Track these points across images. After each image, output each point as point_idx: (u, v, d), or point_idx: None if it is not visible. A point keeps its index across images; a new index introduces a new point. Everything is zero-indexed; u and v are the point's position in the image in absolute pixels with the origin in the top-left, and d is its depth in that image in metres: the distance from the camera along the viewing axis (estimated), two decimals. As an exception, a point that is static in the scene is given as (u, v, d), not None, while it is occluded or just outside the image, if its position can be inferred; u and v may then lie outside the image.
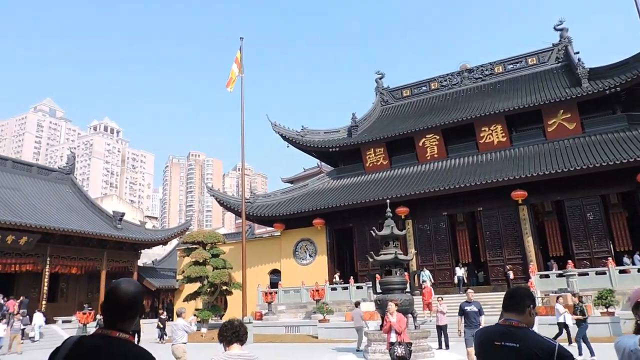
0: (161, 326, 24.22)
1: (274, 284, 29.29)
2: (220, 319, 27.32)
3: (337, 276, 26.96)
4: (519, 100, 27.07)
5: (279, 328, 23.56)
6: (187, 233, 32.58)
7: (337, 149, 30.92)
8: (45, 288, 26.48)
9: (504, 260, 24.23)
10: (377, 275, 16.99)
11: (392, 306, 10.26)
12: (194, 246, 28.54)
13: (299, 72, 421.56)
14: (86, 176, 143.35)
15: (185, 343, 10.39)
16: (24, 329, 20.79)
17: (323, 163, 39.33)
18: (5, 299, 24.60)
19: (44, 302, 26.09)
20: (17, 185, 29.44)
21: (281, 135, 32.03)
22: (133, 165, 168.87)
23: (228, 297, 29.16)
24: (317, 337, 21.03)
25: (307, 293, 25.43)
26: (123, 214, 32.40)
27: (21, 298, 25.03)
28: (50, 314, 26.13)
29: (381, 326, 12.61)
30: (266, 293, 26.44)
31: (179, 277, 29.48)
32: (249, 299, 23.77)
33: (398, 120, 32.48)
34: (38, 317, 22.71)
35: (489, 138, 27.31)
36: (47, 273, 26.62)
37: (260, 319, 25.33)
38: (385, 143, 29.71)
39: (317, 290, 24.11)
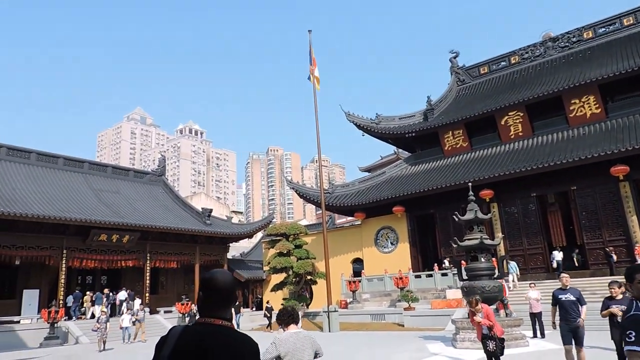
0: (268, 315, 25.09)
1: (357, 273, 29.48)
2: (307, 307, 28.01)
3: (446, 261, 25.83)
4: (614, 66, 24.65)
5: (365, 316, 23.69)
6: (270, 226, 33.72)
7: (413, 134, 30.26)
8: (148, 281, 28.77)
9: (603, 242, 22.36)
10: (463, 262, 16.48)
11: (475, 304, 8.81)
12: (278, 238, 29.48)
13: (370, 59, 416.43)
14: (176, 177, 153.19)
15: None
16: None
17: (400, 149, 38.71)
18: (114, 292, 27.18)
19: (147, 294, 28.38)
20: (117, 188, 32.19)
21: (356, 124, 31.95)
22: (217, 164, 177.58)
23: (313, 287, 29.82)
24: (403, 325, 20.88)
25: (391, 281, 25.30)
26: (211, 210, 34.23)
27: (128, 291, 27.52)
28: (153, 305, 28.43)
29: (468, 314, 12.21)
30: (350, 282, 26.69)
31: (265, 268, 30.63)
32: (333, 288, 24.16)
33: (476, 100, 31.05)
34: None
35: (581, 111, 25.21)
36: (148, 268, 28.89)
37: (345, 307, 25.64)
38: (464, 124, 28.55)
39: (401, 278, 23.90)
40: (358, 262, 30.76)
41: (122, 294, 26.89)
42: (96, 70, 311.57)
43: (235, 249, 42.26)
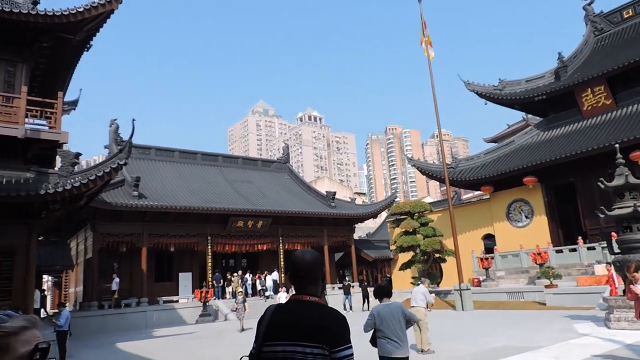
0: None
1: (488, 249, 28.03)
2: (437, 286, 27.47)
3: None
4: None
5: (500, 294, 22.53)
6: (394, 205, 33.57)
7: (543, 97, 27.55)
8: (282, 263, 30.68)
9: None
10: (613, 234, 14.75)
11: (634, 269, 7.63)
12: (402, 217, 29.24)
13: (486, 26, 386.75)
14: (300, 163, 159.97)
15: (425, 307, 11.34)
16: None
17: (529, 115, 35.60)
18: (252, 274, 29.56)
19: (282, 275, 30.30)
20: (248, 178, 34.69)
21: (477, 93, 30.09)
22: (337, 148, 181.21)
23: (442, 265, 29.11)
24: (544, 304, 19.42)
25: (528, 257, 23.62)
26: (334, 193, 35.15)
27: (266, 272, 29.75)
28: (288, 285, 30.28)
29: (624, 291, 10.92)
30: (482, 259, 25.52)
31: (392, 247, 30.62)
32: (463, 265, 23.32)
33: (619, 50, 27.09)
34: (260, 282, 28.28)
35: None
36: (281, 250, 30.78)
37: (478, 285, 24.63)
38: (606, 79, 25.18)
39: (539, 254, 22.17)
40: (489, 238, 29.21)
41: (275, 275, 29.30)
42: (223, 70, 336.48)
43: (361, 230, 42.93)
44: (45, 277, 32.19)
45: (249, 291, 28.61)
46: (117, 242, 24.85)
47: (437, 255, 27.44)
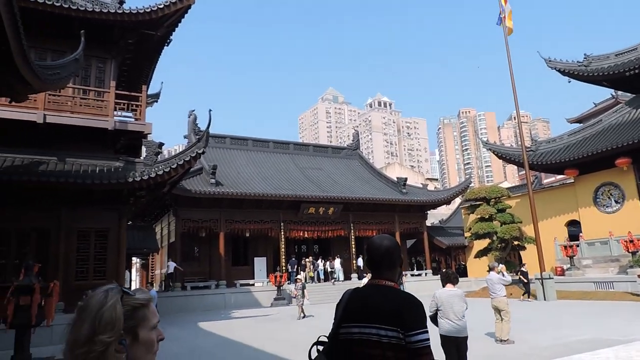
0: (525, 281, 21.60)
1: (573, 237, 26.30)
2: (516, 274, 26.29)
3: None
4: None
5: (587, 284, 21.11)
6: (468, 191, 32.44)
7: (637, 71, 25.12)
8: (354, 250, 30.80)
9: None
10: None
11: None
12: (477, 203, 28.18)
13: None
14: (370, 149, 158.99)
15: (505, 296, 10.65)
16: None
17: (619, 92, 32.65)
18: (295, 259, 30.03)
19: (354, 262, 30.43)
20: (319, 165, 35.04)
21: (559, 71, 28.04)
22: (408, 133, 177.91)
23: (521, 253, 27.75)
24: (638, 295, 17.95)
25: (619, 244, 21.88)
26: (406, 179, 34.59)
27: (337, 257, 30.08)
28: (367, 271, 30.39)
29: None
30: (565, 247, 24.01)
31: (467, 234, 29.68)
32: (545, 253, 22.09)
33: None
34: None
35: None
36: (352, 237, 30.89)
37: (561, 274, 23.24)
38: None
39: (632, 241, 20.45)
40: (574, 225, 27.38)
41: (337, 261, 29.66)
42: (293, 58, 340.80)
43: (434, 216, 41.97)
44: (134, 259, 34.74)
45: (321, 276, 29.08)
46: (197, 227, 26.19)
47: (515, 242, 26.22)
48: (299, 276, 22.95)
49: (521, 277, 21.91)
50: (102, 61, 16.53)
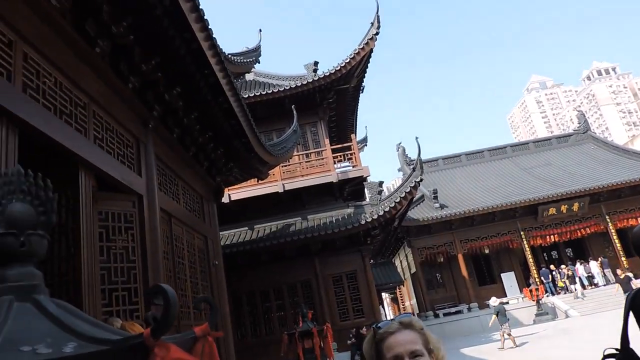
0: None
1: None
2: None
3: None
4: None
5: None
6: None
7: None
8: (618, 245, 26.28)
9: None
10: None
11: None
12: None
13: None
14: (603, 127, 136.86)
15: None
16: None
17: None
18: (547, 269, 26.26)
19: (623, 259, 25.88)
20: (546, 160, 31.65)
21: None
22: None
23: None
24: None
25: None
26: (664, 148, 28.44)
27: (600, 258, 26.06)
28: (633, 270, 25.51)
29: None
30: None
31: None
32: None
33: None
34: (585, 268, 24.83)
35: None
36: (612, 230, 26.46)
37: None
38: None
39: None
40: None
41: (593, 263, 25.73)
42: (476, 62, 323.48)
43: None
44: (384, 295, 36.51)
45: (585, 282, 25.46)
46: (434, 253, 26.24)
47: None
48: (562, 284, 20.85)
49: None
50: (313, 125, 18.69)
